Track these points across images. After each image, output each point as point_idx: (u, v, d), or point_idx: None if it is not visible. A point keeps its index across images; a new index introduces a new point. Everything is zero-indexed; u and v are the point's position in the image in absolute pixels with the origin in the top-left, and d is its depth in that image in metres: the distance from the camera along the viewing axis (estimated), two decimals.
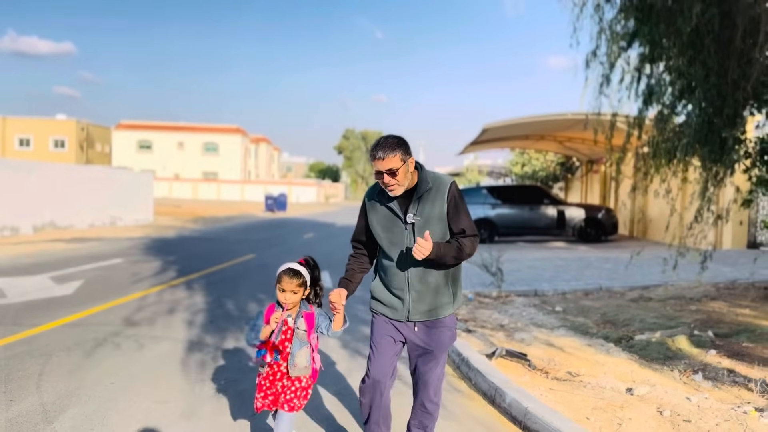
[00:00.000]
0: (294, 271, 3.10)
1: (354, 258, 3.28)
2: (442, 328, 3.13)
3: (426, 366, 3.14)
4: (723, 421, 4.02)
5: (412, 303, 3.07)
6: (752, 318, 7.25)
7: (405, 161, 2.93)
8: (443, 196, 3.02)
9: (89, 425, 3.77)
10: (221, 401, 4.30)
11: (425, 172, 3.07)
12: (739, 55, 5.69)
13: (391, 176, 2.89)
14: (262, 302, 7.99)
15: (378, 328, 3.18)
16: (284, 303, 3.09)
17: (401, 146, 2.93)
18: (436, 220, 3.01)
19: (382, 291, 3.16)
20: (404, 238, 3.02)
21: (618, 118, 6.59)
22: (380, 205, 3.09)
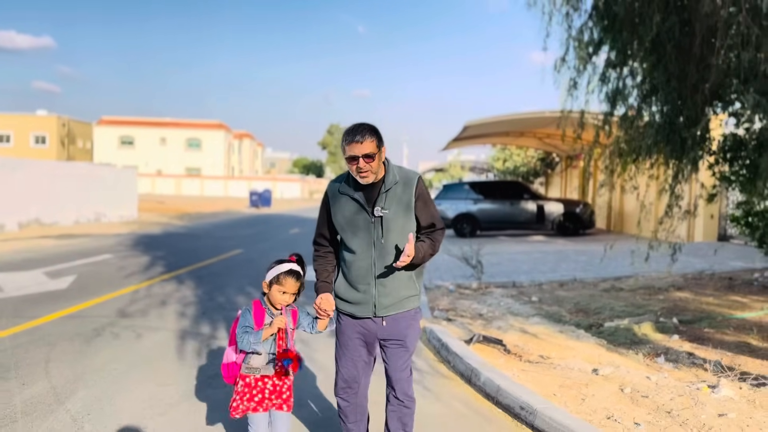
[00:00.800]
0: (297, 273, 2.98)
1: (321, 257, 3.15)
2: (409, 320, 3.08)
3: (399, 361, 3.09)
4: (677, 396, 4.44)
5: (378, 298, 2.99)
6: (714, 306, 7.73)
7: (380, 148, 2.90)
8: (411, 190, 2.98)
9: (99, 405, 4.10)
10: (219, 384, 4.64)
11: (391, 166, 3.02)
12: (698, 60, 6.12)
13: (368, 161, 2.83)
14: (251, 295, 8.30)
15: (345, 328, 3.09)
16: (281, 304, 2.97)
17: (376, 133, 2.90)
18: (402, 213, 2.96)
19: (346, 289, 3.05)
20: (371, 231, 2.95)
21: (588, 117, 7.02)
22: (345, 197, 3.00)
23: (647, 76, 6.37)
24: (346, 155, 2.86)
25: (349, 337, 3.08)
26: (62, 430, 3.69)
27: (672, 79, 6.18)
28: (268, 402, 3.01)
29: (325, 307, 2.96)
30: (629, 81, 6.52)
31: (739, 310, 7.39)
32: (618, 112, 6.66)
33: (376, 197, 2.95)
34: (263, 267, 3.07)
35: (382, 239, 2.94)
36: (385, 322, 3.03)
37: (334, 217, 3.03)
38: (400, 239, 2.95)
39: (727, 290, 8.68)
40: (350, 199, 2.98)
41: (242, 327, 2.93)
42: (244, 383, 3.00)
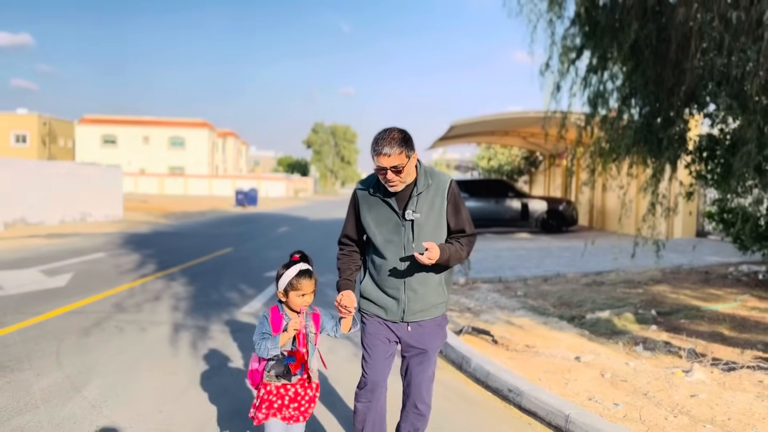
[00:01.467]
0: (309, 272, 2.89)
1: (346, 256, 3.11)
2: (435, 327, 3.04)
3: (419, 367, 3.03)
4: (653, 380, 4.79)
5: (407, 303, 2.94)
6: (691, 298, 8.12)
7: (410, 157, 2.82)
8: (443, 194, 2.93)
9: (114, 392, 4.34)
10: (224, 372, 4.90)
11: (423, 168, 2.96)
12: (674, 65, 6.48)
13: (395, 173, 2.79)
14: (244, 292, 8.54)
15: (371, 330, 3.04)
16: (301, 307, 2.87)
17: (407, 142, 2.80)
18: (435, 217, 2.92)
19: (374, 291, 3.01)
20: (401, 235, 2.90)
21: (571, 117, 7.38)
22: (375, 199, 2.95)
23: (626, 80, 6.73)
24: (374, 165, 2.81)
25: (375, 337, 3.02)
26: (83, 414, 3.93)
27: (649, 83, 6.53)
28: (285, 410, 2.92)
29: (346, 304, 2.87)
30: (609, 85, 6.88)
31: (713, 302, 7.78)
32: (599, 113, 7.00)
33: (407, 200, 2.90)
34: (254, 265, 3.33)
35: (413, 243, 2.88)
36: (411, 327, 2.98)
37: (364, 219, 2.98)
38: None
39: (703, 284, 9.09)
40: (381, 201, 2.93)
41: (260, 334, 2.85)
42: (266, 391, 2.92)
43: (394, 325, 3.00)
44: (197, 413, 4.03)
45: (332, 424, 3.96)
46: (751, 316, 7.12)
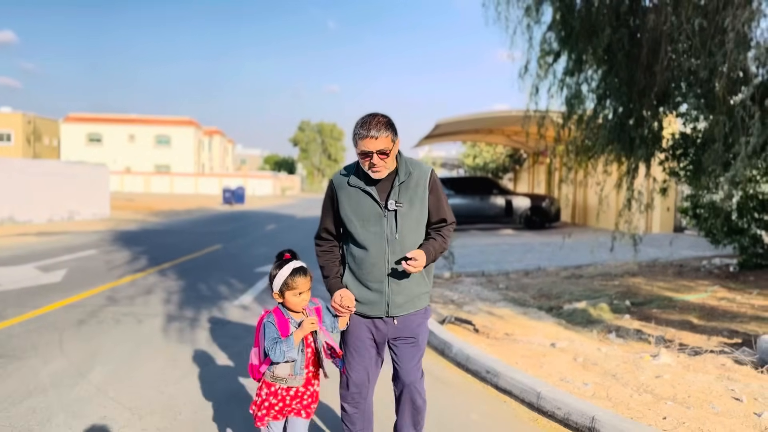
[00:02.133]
0: (303, 269, 2.81)
1: (326, 252, 3.02)
2: (420, 319, 2.98)
3: (411, 362, 2.97)
4: (622, 363, 5.14)
5: (391, 296, 2.86)
6: (664, 290, 8.51)
7: (394, 142, 2.78)
8: (425, 183, 2.88)
9: (118, 377, 4.62)
10: (219, 359, 5.18)
11: (403, 158, 2.91)
12: (646, 68, 6.85)
13: (382, 157, 2.73)
14: (234, 286, 8.79)
15: (354, 329, 2.94)
16: (300, 305, 2.79)
17: (392, 126, 2.76)
18: (417, 207, 2.86)
19: (355, 287, 2.91)
20: (384, 226, 2.82)
21: (550, 117, 7.74)
22: (355, 190, 2.86)
23: (601, 82, 7.10)
24: (358, 150, 2.74)
25: (359, 338, 2.93)
26: (91, 397, 4.20)
27: (622, 85, 6.90)
28: (287, 409, 2.84)
29: (347, 304, 2.83)
30: (585, 87, 7.24)
31: (685, 293, 8.18)
32: (576, 113, 7.36)
33: (389, 191, 2.84)
34: (244, 261, 3.54)
35: (396, 234, 2.82)
36: (397, 321, 2.91)
37: (342, 211, 2.88)
38: (413, 234, 2.87)
39: (677, 276, 9.49)
40: (361, 191, 2.84)
41: (270, 339, 2.72)
42: (269, 392, 2.82)
43: (379, 322, 2.92)
44: (197, 395, 4.31)
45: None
46: (720, 305, 7.51)
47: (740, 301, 7.64)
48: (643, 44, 6.77)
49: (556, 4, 6.79)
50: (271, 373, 2.80)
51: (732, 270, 9.63)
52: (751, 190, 9.11)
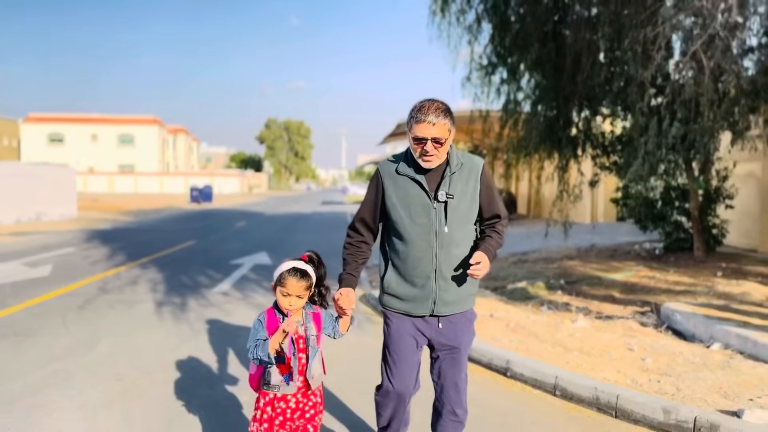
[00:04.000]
0: (301, 271, 2.62)
1: (353, 247, 2.87)
2: (466, 322, 2.82)
3: (454, 368, 2.80)
4: (545, 326, 6.18)
5: (439, 293, 2.70)
6: (596, 271, 9.65)
7: (451, 131, 2.64)
8: (476, 176, 2.75)
9: (122, 348, 5.48)
10: (206, 334, 6.06)
11: (454, 149, 2.77)
12: (570, 77, 7.94)
13: (436, 145, 2.59)
14: (212, 277, 9.62)
15: (396, 330, 2.77)
16: (287, 309, 2.61)
17: (451, 115, 2.62)
18: (468, 200, 2.73)
19: (399, 284, 2.75)
20: (432, 218, 2.68)
21: (490, 120, 8.82)
22: (404, 178, 2.72)
23: (534, 90, 8.18)
24: (412, 134, 2.62)
25: (402, 339, 2.77)
26: (102, 361, 5.06)
27: (551, 92, 7.99)
28: (290, 423, 2.67)
29: (342, 305, 2.67)
30: (520, 94, 8.32)
31: (613, 273, 9.33)
32: (512, 118, 8.44)
33: (440, 181, 2.70)
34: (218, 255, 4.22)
35: (445, 227, 2.68)
36: (442, 323, 2.76)
37: (389, 200, 2.75)
38: (462, 228, 2.73)
39: (609, 259, 10.67)
40: (410, 180, 2.71)
41: (253, 340, 2.61)
42: (266, 401, 2.68)
43: (422, 322, 2.76)
44: (192, 358, 5.20)
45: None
46: (641, 282, 8.66)
47: (658, 278, 8.81)
48: (567, 56, 7.86)
49: (494, 22, 7.82)
50: (265, 380, 2.66)
51: (657, 252, 10.85)
52: (673, 181, 10.34)
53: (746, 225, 11.26)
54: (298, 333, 2.63)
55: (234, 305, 7.42)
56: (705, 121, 6.70)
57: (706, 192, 10.11)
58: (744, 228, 11.31)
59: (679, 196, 10.47)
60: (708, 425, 3.49)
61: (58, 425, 3.77)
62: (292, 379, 2.63)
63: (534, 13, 7.79)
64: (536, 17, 7.77)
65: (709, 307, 6.51)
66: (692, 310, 6.33)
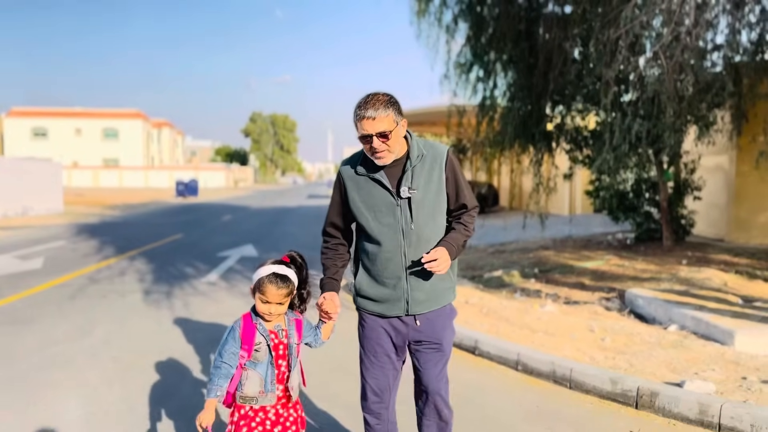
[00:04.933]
0: (282, 277, 2.48)
1: (330, 250, 2.78)
2: (445, 320, 2.71)
3: (435, 368, 2.69)
4: (516, 311, 6.60)
5: (411, 292, 2.59)
6: (569, 260, 10.09)
7: (398, 123, 2.49)
8: (440, 166, 2.61)
9: (117, 334, 5.82)
10: (198, 317, 6.40)
11: (415, 139, 2.63)
12: (542, 75, 8.34)
13: (383, 140, 2.45)
14: (199, 268, 9.93)
15: (371, 332, 2.70)
16: (267, 316, 2.48)
17: (393, 105, 2.48)
18: (434, 192, 2.60)
19: (370, 285, 2.66)
20: (397, 216, 2.56)
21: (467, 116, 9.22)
22: (363, 178, 2.61)
23: (509, 88, 8.58)
24: (358, 133, 2.50)
25: (376, 342, 2.69)
26: (99, 345, 5.40)
27: (524, 89, 8.39)
28: None
29: (327, 309, 2.59)
30: (496, 92, 8.72)
31: (585, 262, 9.77)
32: (488, 114, 8.84)
33: (401, 176, 2.58)
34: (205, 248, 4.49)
35: (411, 224, 2.56)
36: (419, 321, 2.64)
37: (352, 203, 2.64)
38: (431, 223, 2.61)
39: (582, 248, 11.13)
40: (370, 179, 2.59)
41: (219, 356, 2.49)
42: (240, 415, 2.50)
43: (398, 322, 2.66)
44: (182, 342, 5.56)
45: None
46: (610, 270, 9.10)
47: (627, 266, 9.26)
48: (539, 55, 8.25)
49: (470, 22, 8.20)
50: (240, 393, 2.49)
51: (628, 242, 11.33)
52: (644, 174, 10.80)
53: (714, 215, 11.77)
54: (279, 339, 2.51)
55: (222, 294, 7.76)
56: (668, 118, 7.12)
57: (675, 184, 10.59)
58: (712, 218, 11.81)
59: (650, 188, 10.93)
60: (649, 393, 3.92)
61: (63, 401, 4.11)
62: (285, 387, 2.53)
63: (508, 13, 8.18)
64: (510, 17, 8.17)
65: (671, 293, 6.95)
66: (653, 295, 6.76)
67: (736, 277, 7.78)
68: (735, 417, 3.54)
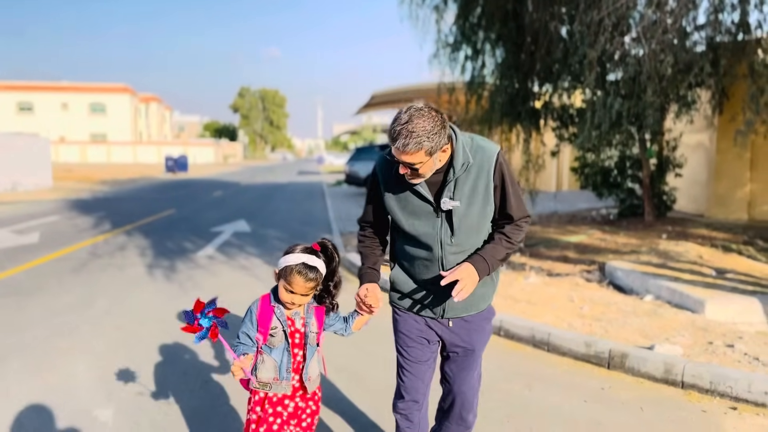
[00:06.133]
0: (311, 268, 2.34)
1: (368, 238, 2.61)
2: (482, 322, 2.52)
3: (465, 371, 2.55)
4: (501, 283, 6.83)
5: (447, 300, 2.40)
6: (553, 234, 10.41)
7: (433, 154, 2.18)
8: (488, 173, 2.31)
9: (119, 305, 6.07)
10: (198, 288, 6.65)
11: (461, 142, 2.30)
12: (529, 54, 8.55)
13: (411, 170, 2.23)
14: (195, 242, 10.15)
15: (406, 329, 2.54)
16: (287, 303, 2.37)
17: (430, 137, 2.12)
18: (479, 204, 2.33)
19: (406, 282, 2.49)
20: (436, 228, 2.34)
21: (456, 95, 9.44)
22: (401, 183, 2.34)
23: (496, 66, 8.79)
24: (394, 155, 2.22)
25: (411, 337, 2.53)
26: (102, 315, 5.66)
27: (512, 68, 8.60)
28: (287, 427, 2.44)
29: (371, 303, 2.42)
30: (484, 71, 8.93)
31: (569, 236, 10.10)
32: (477, 93, 9.06)
33: (442, 184, 2.31)
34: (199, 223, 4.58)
35: (451, 238, 2.34)
36: (452, 323, 2.48)
37: (388, 204, 2.43)
38: (474, 237, 2.38)
39: (567, 223, 11.46)
40: (407, 186, 2.34)
41: (240, 333, 2.43)
42: (255, 401, 2.46)
43: (432, 321, 2.51)
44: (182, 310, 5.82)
45: None
46: (593, 244, 9.43)
47: (609, 240, 9.59)
48: (526, 35, 8.46)
49: (459, 2, 8.38)
50: (255, 378, 2.43)
51: (611, 218, 11.67)
52: (627, 151, 11.10)
53: (695, 192, 12.12)
54: (296, 327, 2.41)
55: (220, 267, 8.01)
56: (648, 97, 7.38)
57: (658, 161, 10.90)
58: (693, 194, 12.17)
59: (633, 165, 11.24)
60: (620, 355, 4.24)
61: (70, 367, 4.38)
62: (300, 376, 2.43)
63: None
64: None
65: (649, 265, 7.29)
66: (632, 267, 7.09)
67: (712, 250, 8.12)
68: (696, 375, 3.87)
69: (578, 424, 3.52)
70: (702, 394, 3.86)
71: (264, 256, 8.78)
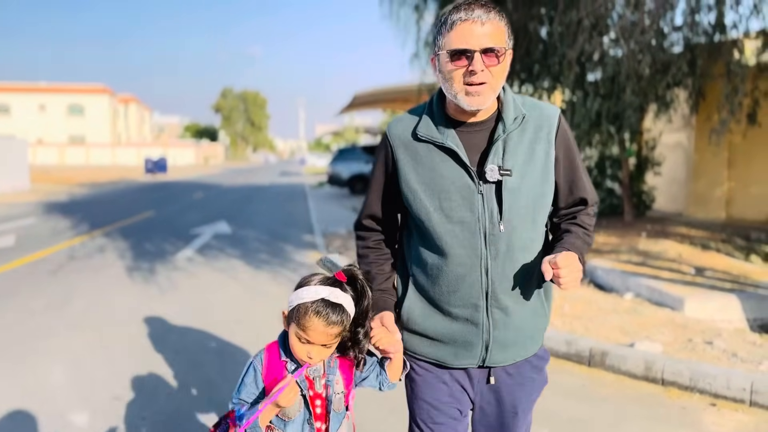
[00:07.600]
0: (335, 307, 1.62)
1: (371, 249, 1.85)
2: (532, 372, 1.78)
3: None
4: None
5: (493, 332, 1.67)
6: None
7: (507, 48, 1.57)
8: (548, 138, 1.65)
9: (98, 306, 5.98)
10: (179, 290, 6.57)
11: (510, 93, 1.68)
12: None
13: (490, 63, 1.53)
14: (175, 244, 10.04)
15: (431, 397, 1.76)
16: (302, 358, 1.66)
17: (503, 16, 1.56)
18: (537, 176, 1.64)
19: (426, 316, 1.73)
20: (477, 208, 1.61)
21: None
22: (427, 146, 1.66)
23: None
24: (447, 47, 1.56)
25: (437, 408, 1.77)
26: (80, 317, 5.56)
27: None
28: None
29: (381, 345, 1.71)
30: None
31: None
32: None
33: (486, 147, 1.64)
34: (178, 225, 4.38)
35: (500, 224, 1.61)
36: (494, 379, 1.74)
37: (405, 184, 1.70)
38: (530, 226, 1.65)
39: None
40: (437, 148, 1.65)
41: (238, 392, 1.72)
42: None
43: (464, 376, 1.76)
44: (165, 312, 5.75)
45: None
46: None
47: None
48: None
49: (439, 1, 8.37)
50: None
51: None
52: (607, 151, 11.20)
53: (674, 191, 12.27)
54: (315, 390, 1.71)
55: (198, 268, 7.93)
56: (627, 97, 7.45)
57: (637, 161, 11.01)
58: (671, 193, 12.31)
59: (613, 165, 11.34)
60: (600, 353, 4.27)
61: (49, 367, 4.30)
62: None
63: None
64: None
65: (629, 264, 7.36)
66: (612, 265, 7.15)
67: (690, 248, 8.21)
68: (675, 372, 3.91)
69: (559, 421, 3.53)
70: (682, 391, 3.89)
71: (244, 257, 8.71)
